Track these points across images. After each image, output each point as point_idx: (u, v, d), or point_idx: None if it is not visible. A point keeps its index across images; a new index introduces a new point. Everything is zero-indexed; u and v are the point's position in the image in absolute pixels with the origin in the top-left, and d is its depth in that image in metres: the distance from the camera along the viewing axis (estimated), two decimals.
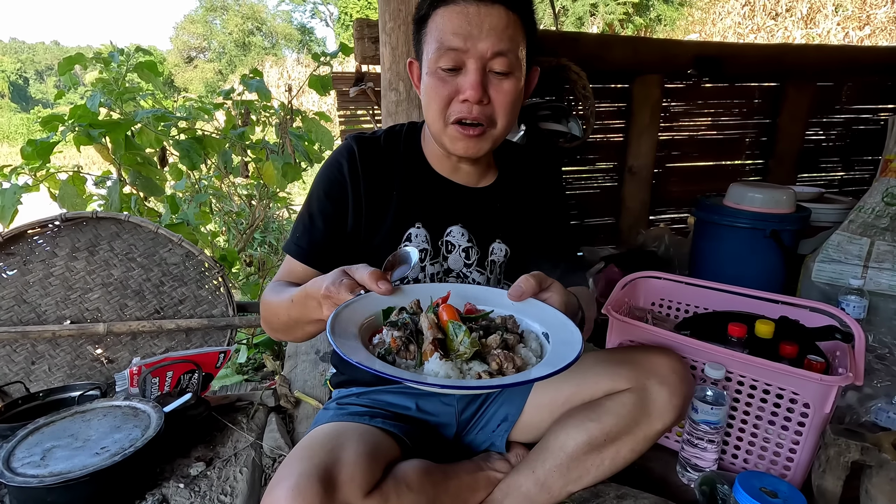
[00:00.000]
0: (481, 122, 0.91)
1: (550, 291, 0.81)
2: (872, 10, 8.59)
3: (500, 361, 0.68)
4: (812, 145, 3.01)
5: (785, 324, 1.25)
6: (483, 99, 0.89)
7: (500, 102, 0.91)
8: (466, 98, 0.88)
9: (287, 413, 1.61)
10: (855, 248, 1.77)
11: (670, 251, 2.40)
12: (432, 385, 0.64)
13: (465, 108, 0.90)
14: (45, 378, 1.67)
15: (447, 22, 0.87)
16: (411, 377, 0.64)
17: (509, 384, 0.65)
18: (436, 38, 0.89)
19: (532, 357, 0.73)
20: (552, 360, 0.69)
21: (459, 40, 0.86)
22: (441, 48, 0.88)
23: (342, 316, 0.73)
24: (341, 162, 1.01)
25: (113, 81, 2.28)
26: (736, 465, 1.18)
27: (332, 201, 1.00)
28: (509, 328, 0.77)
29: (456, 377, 0.66)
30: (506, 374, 0.68)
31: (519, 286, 0.80)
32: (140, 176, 2.18)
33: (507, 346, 0.72)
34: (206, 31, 24.77)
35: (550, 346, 0.74)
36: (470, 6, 0.86)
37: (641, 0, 12.38)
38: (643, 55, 2.51)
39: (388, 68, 1.72)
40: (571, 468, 0.93)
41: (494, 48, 0.87)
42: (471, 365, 0.68)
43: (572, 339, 0.72)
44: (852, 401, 1.31)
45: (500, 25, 0.87)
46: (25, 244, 1.61)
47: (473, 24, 0.86)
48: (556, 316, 0.78)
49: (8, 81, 30.07)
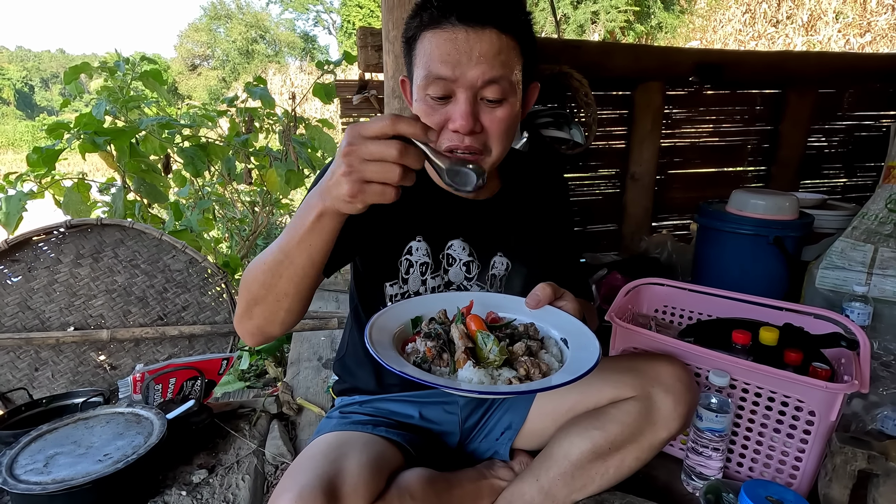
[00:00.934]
0: (474, 151, 0.86)
1: (565, 300, 0.84)
2: (873, 17, 8.61)
3: (528, 368, 0.72)
4: (814, 152, 3.01)
5: (789, 331, 1.24)
6: (475, 128, 0.84)
7: (493, 130, 0.86)
8: (457, 129, 0.83)
9: (289, 420, 1.61)
10: (859, 255, 1.76)
11: (673, 258, 2.39)
12: (470, 392, 0.67)
13: (456, 138, 0.85)
14: (48, 384, 1.67)
15: (434, 48, 0.82)
16: (449, 384, 0.68)
17: (540, 389, 0.68)
18: (423, 63, 0.84)
19: (555, 362, 0.77)
20: (574, 365, 0.72)
21: (448, 69, 0.81)
22: (429, 76, 0.83)
23: (377, 325, 0.77)
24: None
25: (118, 89, 2.30)
26: (741, 473, 1.17)
27: None
28: (531, 335, 0.81)
29: (489, 383, 0.70)
30: (533, 379, 0.72)
31: (536, 294, 0.82)
32: (144, 183, 2.19)
33: (531, 352, 0.76)
34: (210, 39, 24.98)
35: (570, 352, 0.78)
36: (458, 31, 0.80)
37: (642, 8, 12.45)
38: (645, 62, 2.52)
39: (392, 76, 1.73)
40: (576, 476, 0.93)
41: (486, 77, 0.81)
42: (500, 371, 0.72)
43: (590, 344, 0.76)
44: (858, 408, 1.30)
45: (491, 51, 0.81)
46: (30, 251, 1.61)
47: (462, 51, 0.80)
48: (573, 322, 0.82)
49: (14, 89, 30.32)
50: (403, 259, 0.99)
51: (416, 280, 1.00)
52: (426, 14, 0.84)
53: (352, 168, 0.62)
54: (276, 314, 0.79)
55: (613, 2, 12.05)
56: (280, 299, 0.77)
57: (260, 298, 0.78)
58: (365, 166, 0.61)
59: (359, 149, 0.61)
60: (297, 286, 0.76)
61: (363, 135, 0.62)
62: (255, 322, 0.81)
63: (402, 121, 0.61)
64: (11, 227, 1.84)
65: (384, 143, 0.61)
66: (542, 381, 0.70)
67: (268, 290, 0.77)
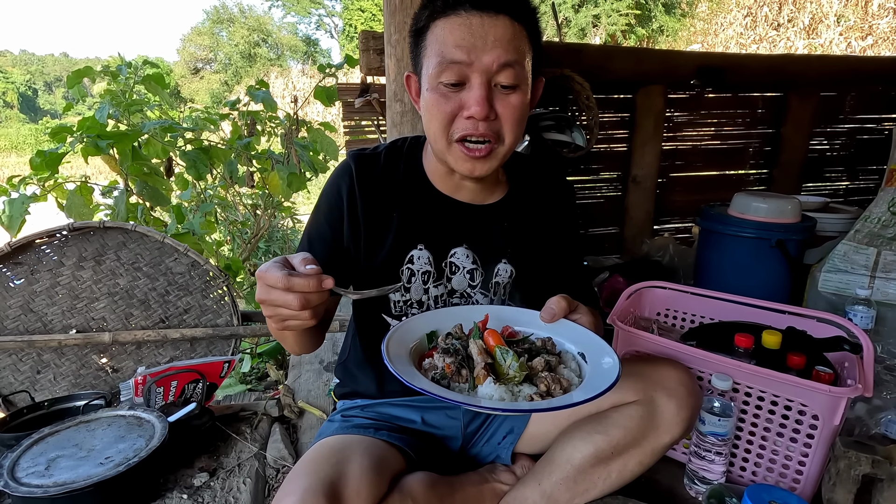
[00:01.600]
0: (488, 138, 0.86)
1: (579, 313, 0.84)
2: (875, 20, 8.62)
3: (548, 384, 0.71)
4: (816, 155, 3.01)
5: (792, 334, 1.24)
6: (490, 115, 0.84)
7: (507, 117, 0.86)
8: (472, 115, 0.83)
9: (291, 423, 1.61)
10: (861, 258, 1.76)
11: (675, 261, 2.39)
12: (493, 409, 0.67)
13: (470, 125, 0.85)
14: (49, 387, 1.67)
15: (448, 34, 0.82)
16: (471, 401, 0.68)
17: (562, 406, 0.67)
18: (436, 51, 0.84)
19: (574, 377, 0.76)
20: (594, 380, 0.72)
21: (463, 53, 0.81)
22: (443, 62, 0.83)
23: (394, 340, 0.77)
24: (339, 185, 0.97)
25: (121, 93, 2.31)
26: (744, 477, 1.16)
27: (329, 226, 0.97)
28: (549, 350, 0.80)
29: (509, 400, 0.70)
30: (554, 395, 0.71)
31: (551, 308, 0.82)
32: (146, 186, 2.20)
33: (550, 367, 0.75)
34: (213, 42, 25.08)
35: (589, 367, 0.77)
36: (473, 17, 0.81)
37: (644, 11, 12.47)
38: (646, 66, 2.53)
39: (394, 79, 1.73)
40: (578, 481, 0.92)
41: (500, 60, 0.82)
42: (521, 388, 0.72)
43: (608, 358, 0.75)
44: (861, 413, 1.29)
45: (505, 36, 0.82)
46: (33, 253, 1.62)
47: (477, 35, 0.81)
48: (590, 336, 0.81)
49: (17, 93, 30.47)
50: (405, 268, 0.98)
51: (418, 289, 0.99)
52: (439, 3, 0.84)
53: (269, 311, 0.70)
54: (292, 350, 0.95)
55: (615, 5, 12.08)
56: (291, 348, 0.94)
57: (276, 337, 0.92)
58: (277, 310, 0.69)
59: (267, 296, 0.68)
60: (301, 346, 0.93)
61: (267, 283, 0.68)
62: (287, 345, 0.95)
63: (295, 279, 0.66)
64: (14, 230, 1.85)
65: (283, 294, 0.67)
66: (564, 397, 0.70)
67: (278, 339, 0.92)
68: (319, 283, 0.67)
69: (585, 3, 12.29)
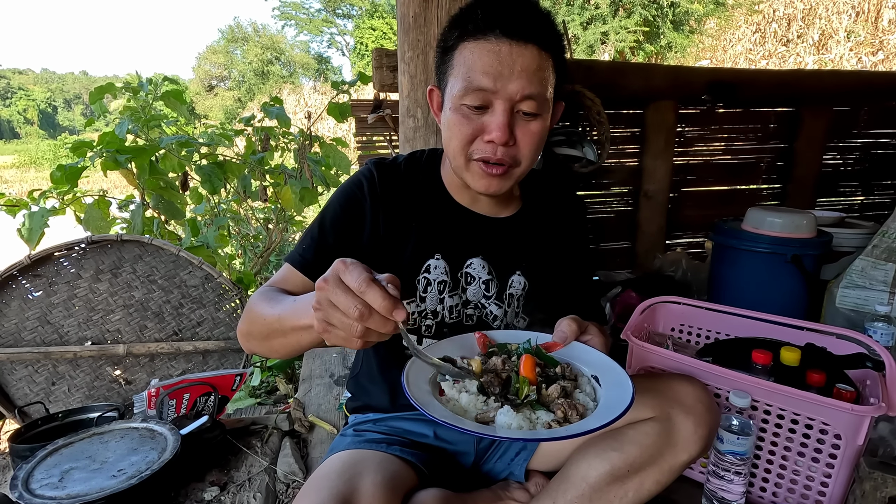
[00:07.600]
0: (505, 162, 0.88)
1: (590, 334, 0.83)
2: (885, 35, 8.60)
3: (565, 410, 0.70)
4: (830, 170, 2.98)
5: (812, 351, 1.21)
6: (509, 140, 0.85)
7: (525, 143, 0.88)
8: (492, 139, 0.84)
9: (301, 437, 1.60)
10: (880, 274, 1.73)
11: (688, 276, 2.36)
12: (514, 438, 0.66)
13: (489, 149, 0.86)
14: (64, 399, 1.69)
15: (477, 59, 0.83)
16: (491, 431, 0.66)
17: (578, 434, 0.65)
18: (463, 74, 0.84)
19: (589, 402, 0.75)
20: (609, 404, 0.71)
21: (489, 80, 0.82)
22: (469, 86, 0.84)
23: (413, 371, 0.74)
24: (362, 182, 0.97)
25: (140, 109, 2.37)
26: (765, 498, 1.13)
27: (348, 217, 0.95)
28: (567, 376, 0.78)
29: (527, 428, 0.69)
30: (571, 421, 0.70)
31: (563, 332, 0.81)
32: (162, 199, 2.24)
33: (566, 393, 0.74)
34: (227, 60, 25.67)
35: (603, 390, 0.76)
36: (502, 44, 0.82)
37: (652, 28, 12.55)
38: (657, 81, 2.54)
39: (407, 95, 1.76)
40: (593, 500, 0.90)
41: (525, 91, 0.83)
42: (538, 414, 0.71)
43: (622, 381, 0.74)
44: (885, 432, 1.26)
45: (532, 66, 0.83)
46: (51, 266, 1.65)
47: (505, 63, 0.82)
48: (602, 359, 0.80)
49: (38, 109, 31.30)
50: (421, 277, 0.98)
51: (433, 299, 0.99)
52: (470, 25, 0.85)
53: (320, 305, 0.60)
54: (274, 350, 0.83)
55: (623, 22, 12.17)
56: (275, 348, 0.82)
57: (256, 340, 0.84)
58: (331, 311, 0.59)
59: (329, 290, 0.59)
60: (289, 352, 0.81)
61: (339, 277, 0.59)
62: (250, 346, 0.87)
63: (373, 289, 0.57)
64: (34, 243, 1.88)
65: (351, 298, 0.57)
66: (580, 423, 0.69)
67: (260, 342, 0.83)
68: (392, 307, 0.57)
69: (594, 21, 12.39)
